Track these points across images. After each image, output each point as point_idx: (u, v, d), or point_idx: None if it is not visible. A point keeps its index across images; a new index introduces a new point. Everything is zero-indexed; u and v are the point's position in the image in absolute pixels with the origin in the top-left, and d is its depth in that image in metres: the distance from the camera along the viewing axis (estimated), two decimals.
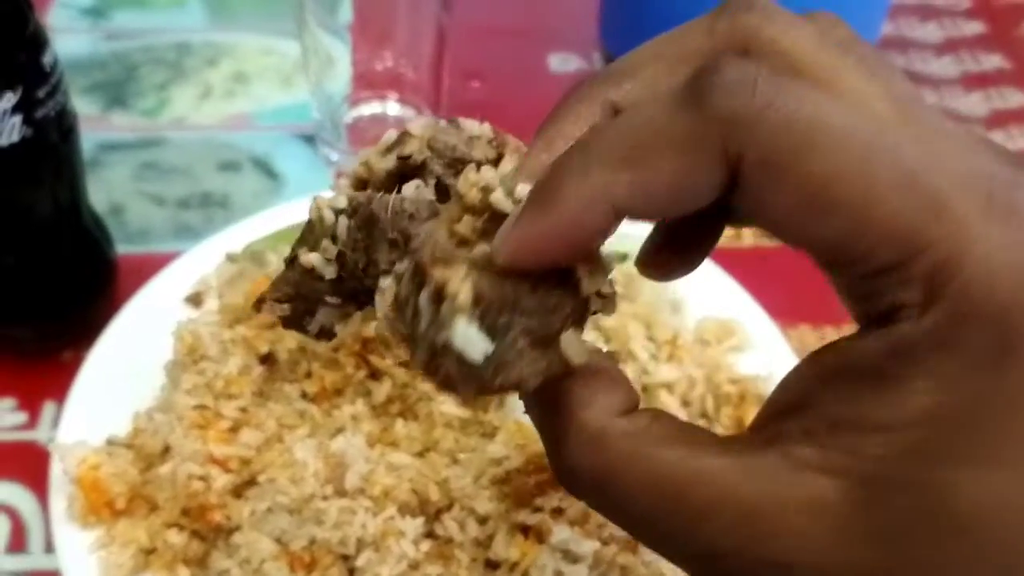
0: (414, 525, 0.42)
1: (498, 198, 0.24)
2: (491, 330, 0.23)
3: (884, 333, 0.21)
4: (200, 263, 0.56)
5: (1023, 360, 0.20)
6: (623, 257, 0.54)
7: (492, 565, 0.42)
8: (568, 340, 0.24)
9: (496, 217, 0.24)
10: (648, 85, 0.25)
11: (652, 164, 0.22)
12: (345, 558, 0.43)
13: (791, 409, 0.23)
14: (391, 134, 0.30)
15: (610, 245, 0.24)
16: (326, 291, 0.30)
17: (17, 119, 0.48)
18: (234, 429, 0.46)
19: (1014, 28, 0.85)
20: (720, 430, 0.49)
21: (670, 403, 0.48)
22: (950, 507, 0.21)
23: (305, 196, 0.60)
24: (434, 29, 0.66)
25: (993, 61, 0.82)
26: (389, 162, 0.30)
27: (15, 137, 0.48)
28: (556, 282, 0.24)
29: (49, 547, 0.47)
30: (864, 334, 0.22)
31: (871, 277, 0.21)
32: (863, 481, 0.21)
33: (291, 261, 0.30)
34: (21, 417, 0.55)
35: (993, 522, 0.21)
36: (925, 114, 0.23)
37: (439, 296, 0.23)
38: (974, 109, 0.77)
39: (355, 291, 0.29)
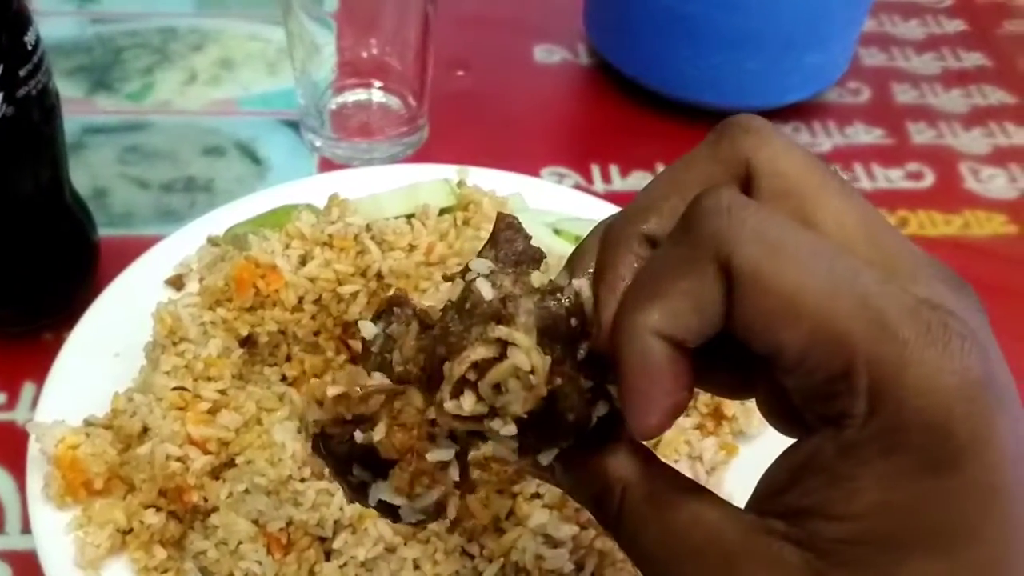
0: None
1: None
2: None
3: (834, 435, 0.24)
4: (182, 246, 0.56)
5: (955, 467, 0.23)
6: None
7: (470, 550, 0.42)
8: None
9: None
10: (671, 217, 0.27)
11: (669, 291, 0.25)
12: (322, 540, 0.43)
13: (771, 494, 0.27)
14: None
15: None
16: None
17: None
18: (213, 411, 0.46)
19: (995, 26, 0.86)
20: (697, 417, 0.49)
21: None
22: None
23: (288, 182, 0.61)
24: (420, 18, 0.66)
25: (974, 58, 0.83)
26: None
27: None
28: None
29: (26, 527, 0.47)
30: (820, 433, 0.25)
31: (823, 384, 0.24)
32: (821, 554, 0.25)
33: None
34: (0, 397, 0.55)
35: None
36: (889, 238, 0.27)
37: None
38: (954, 106, 0.78)
39: None
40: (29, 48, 0.48)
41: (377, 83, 0.71)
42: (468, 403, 0.27)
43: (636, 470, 0.28)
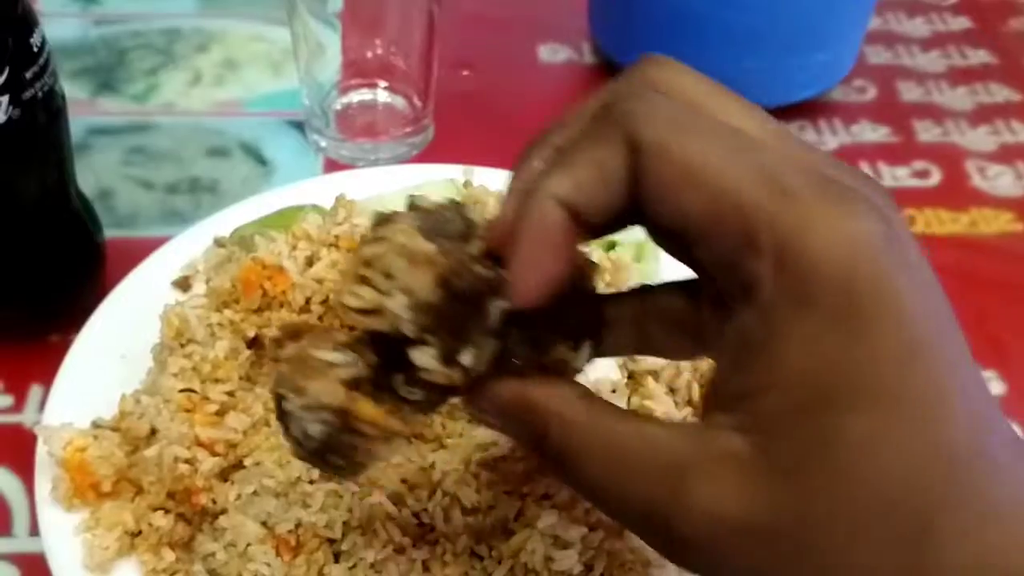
0: (401, 510, 0.42)
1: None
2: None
3: (751, 305, 0.25)
4: (188, 248, 0.56)
5: (865, 325, 0.24)
6: (611, 246, 0.55)
7: (479, 551, 0.42)
8: None
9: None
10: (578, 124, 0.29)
11: (576, 160, 0.27)
12: (331, 542, 0.43)
13: (715, 392, 0.27)
14: None
15: None
16: None
17: (4, 100, 0.48)
18: (221, 413, 0.46)
19: (1001, 24, 0.86)
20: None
21: (656, 390, 0.48)
22: (834, 445, 0.24)
23: (294, 182, 0.61)
24: (425, 18, 0.66)
25: (979, 56, 0.82)
26: None
27: (1, 118, 0.48)
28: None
29: (34, 530, 0.47)
30: (740, 309, 0.26)
31: (731, 252, 0.25)
32: (761, 430, 0.25)
33: None
34: (7, 400, 0.55)
35: (873, 455, 0.24)
36: (791, 139, 0.28)
37: None
38: (960, 104, 0.78)
39: None
40: (35, 50, 0.48)
41: (382, 83, 0.71)
42: (366, 293, 0.28)
43: (572, 401, 0.29)
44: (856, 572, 0.25)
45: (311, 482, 0.43)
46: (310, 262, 0.50)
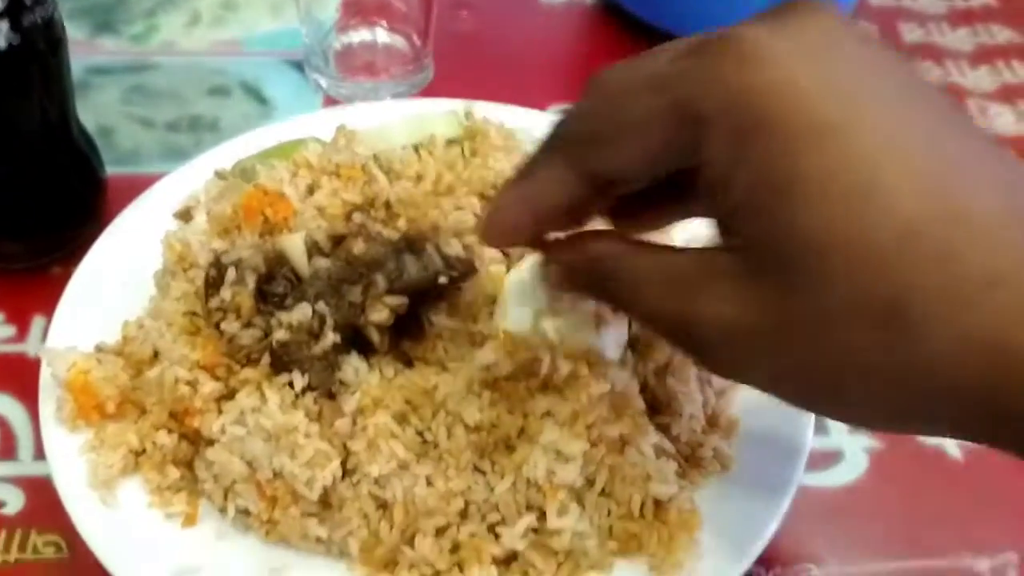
0: (405, 430, 0.43)
1: None
2: None
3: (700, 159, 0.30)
4: (190, 180, 0.56)
5: (774, 123, 0.27)
6: None
7: (482, 467, 0.43)
8: None
9: None
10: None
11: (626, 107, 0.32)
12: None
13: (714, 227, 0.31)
14: None
15: None
16: None
17: (4, 25, 0.47)
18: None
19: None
20: None
21: None
22: (789, 242, 0.27)
23: (294, 120, 0.61)
24: None
25: (1004, 35, 0.81)
26: None
27: (2, 43, 0.48)
28: None
29: (39, 454, 0.47)
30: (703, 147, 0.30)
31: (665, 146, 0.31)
32: (737, 246, 0.29)
33: None
34: (10, 330, 0.55)
35: (824, 250, 0.27)
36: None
37: None
38: (961, 44, 0.77)
39: None
40: None
41: (381, 23, 0.70)
42: None
43: (616, 244, 0.34)
44: (841, 352, 0.28)
45: (307, 435, 0.42)
46: (311, 190, 0.50)
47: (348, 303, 0.43)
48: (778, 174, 0.27)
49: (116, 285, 0.51)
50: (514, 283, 0.42)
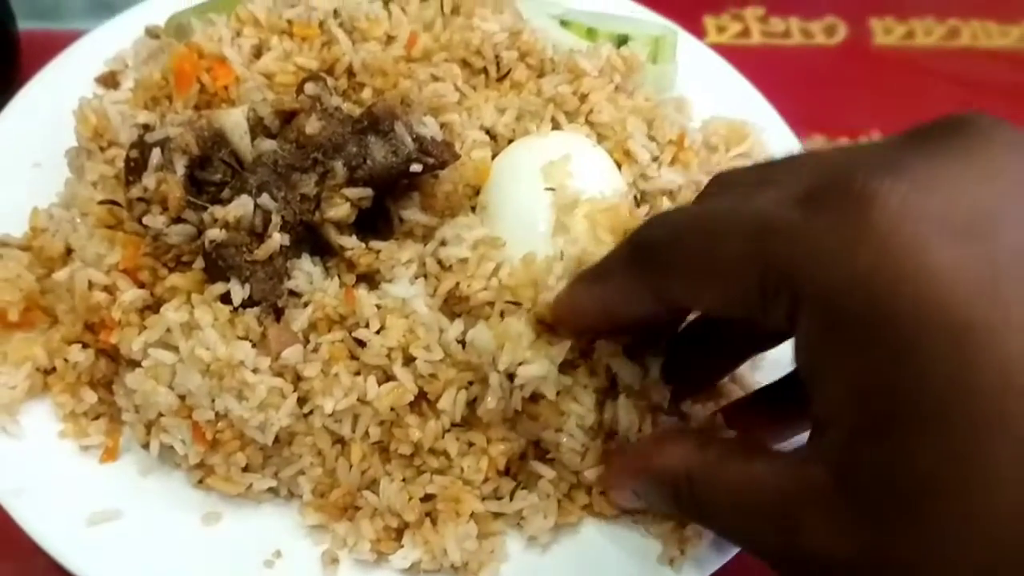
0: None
1: None
2: None
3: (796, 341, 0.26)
4: (116, 39, 0.48)
5: (901, 332, 0.23)
6: (623, 40, 0.47)
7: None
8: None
9: None
10: None
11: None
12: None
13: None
14: None
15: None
16: None
17: None
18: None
19: None
20: None
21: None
22: (902, 479, 0.24)
23: None
24: None
25: None
26: None
27: None
28: None
29: None
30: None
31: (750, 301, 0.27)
32: (834, 461, 0.26)
33: None
34: None
35: (947, 479, 0.23)
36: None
37: None
38: None
39: None
40: None
41: None
42: None
43: (692, 454, 0.31)
44: None
45: (255, 371, 0.35)
46: (257, 53, 0.42)
47: (299, 196, 0.36)
48: (897, 393, 0.23)
49: (26, 165, 0.43)
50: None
